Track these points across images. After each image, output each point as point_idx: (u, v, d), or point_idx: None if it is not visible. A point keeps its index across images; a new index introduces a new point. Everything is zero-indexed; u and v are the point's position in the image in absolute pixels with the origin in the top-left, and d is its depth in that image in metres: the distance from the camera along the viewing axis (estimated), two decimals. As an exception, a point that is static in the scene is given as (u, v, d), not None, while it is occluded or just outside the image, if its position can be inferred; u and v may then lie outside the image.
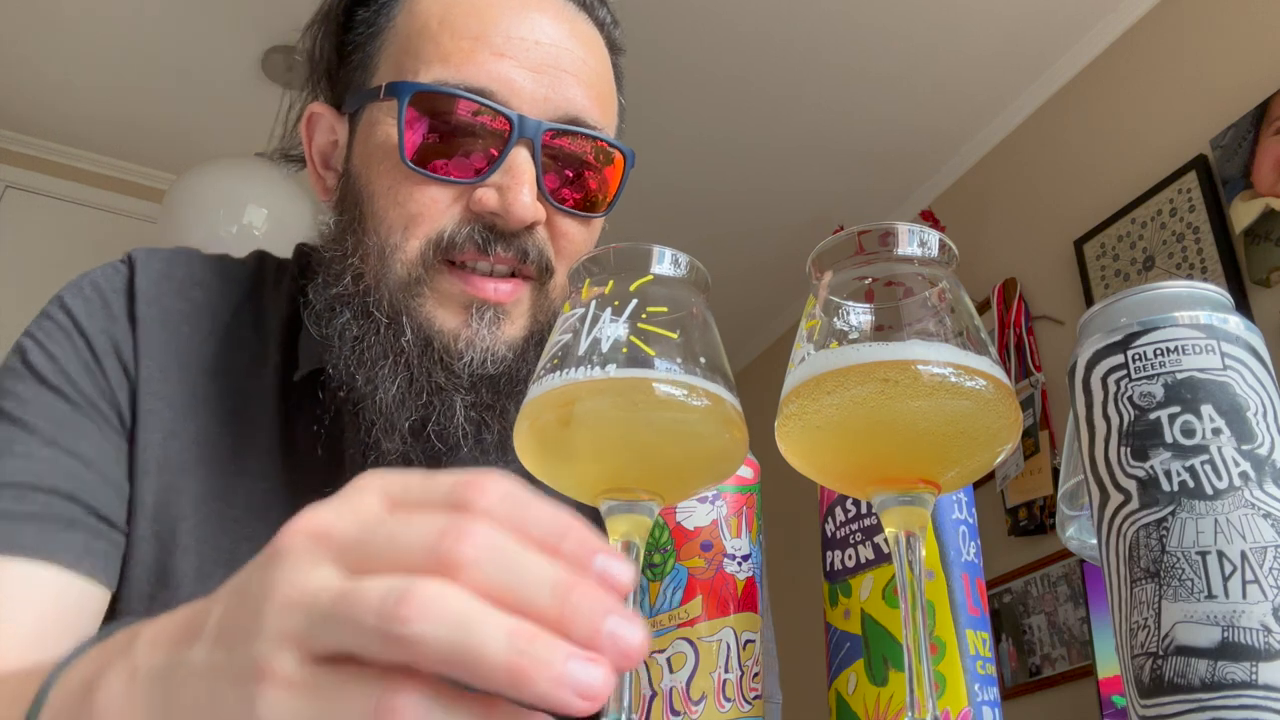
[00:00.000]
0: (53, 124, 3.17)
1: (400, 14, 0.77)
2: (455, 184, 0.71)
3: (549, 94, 0.73)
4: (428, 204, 0.71)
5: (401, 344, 0.71)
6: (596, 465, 0.48)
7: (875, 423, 0.45)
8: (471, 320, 0.71)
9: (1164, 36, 2.62)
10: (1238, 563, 0.41)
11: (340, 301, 0.73)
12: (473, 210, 0.71)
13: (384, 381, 0.71)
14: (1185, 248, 2.43)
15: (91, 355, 0.74)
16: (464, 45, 0.72)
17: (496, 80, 0.72)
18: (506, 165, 0.71)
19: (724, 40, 2.83)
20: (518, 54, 0.73)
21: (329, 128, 0.81)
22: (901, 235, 0.49)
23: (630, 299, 0.48)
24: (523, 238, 0.72)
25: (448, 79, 0.71)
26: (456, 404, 0.71)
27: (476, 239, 0.71)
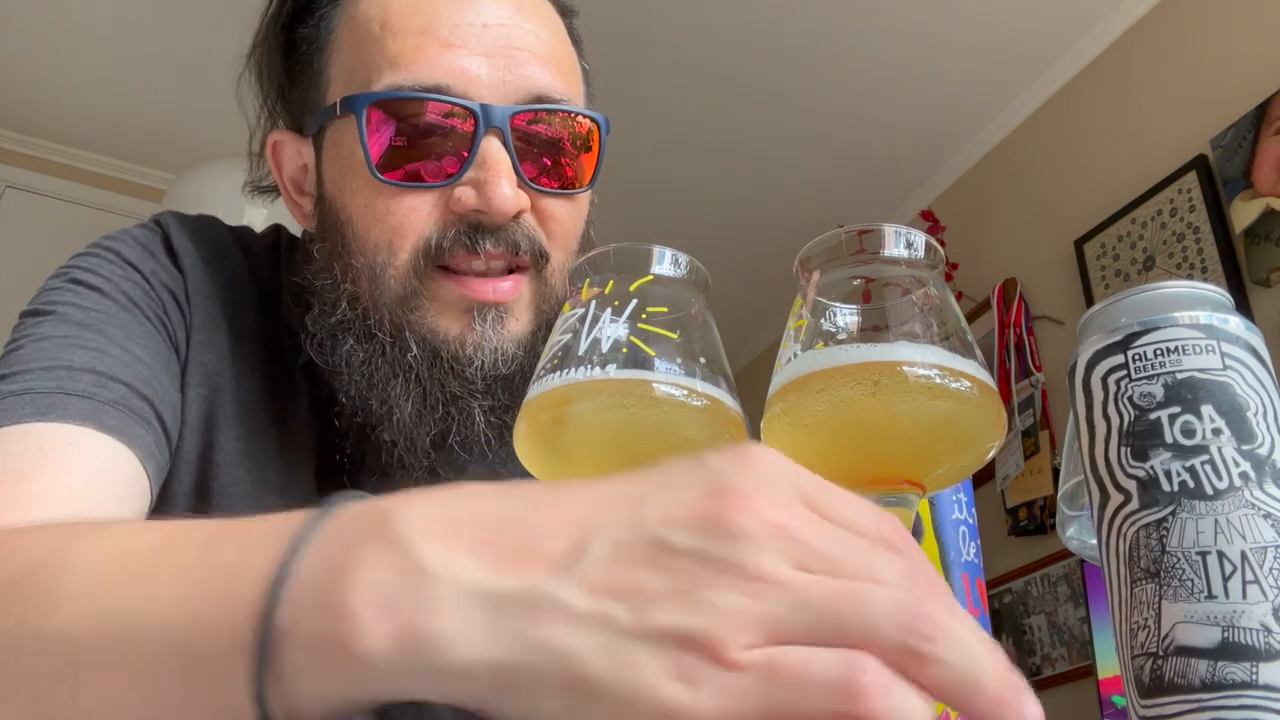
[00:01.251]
0: (53, 124, 3.17)
1: (341, 24, 0.74)
2: (431, 188, 0.69)
3: (507, 76, 0.70)
4: (407, 214, 0.69)
5: (409, 360, 0.69)
6: (596, 466, 0.48)
7: (861, 423, 0.46)
8: (475, 323, 0.69)
9: (1164, 36, 2.62)
10: (1238, 563, 0.41)
11: (341, 329, 0.71)
12: (454, 211, 0.69)
13: (398, 401, 0.69)
14: (1185, 248, 2.43)
15: (147, 285, 0.72)
16: (410, 44, 0.69)
17: (450, 73, 0.69)
18: (480, 159, 0.68)
19: (724, 40, 2.83)
20: (467, 41, 0.70)
21: (295, 153, 0.78)
22: (888, 236, 0.49)
23: (630, 299, 0.48)
24: (510, 230, 0.70)
25: (401, 82, 0.68)
26: (475, 411, 0.70)
27: (464, 240, 0.69)
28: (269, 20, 0.78)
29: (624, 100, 3.03)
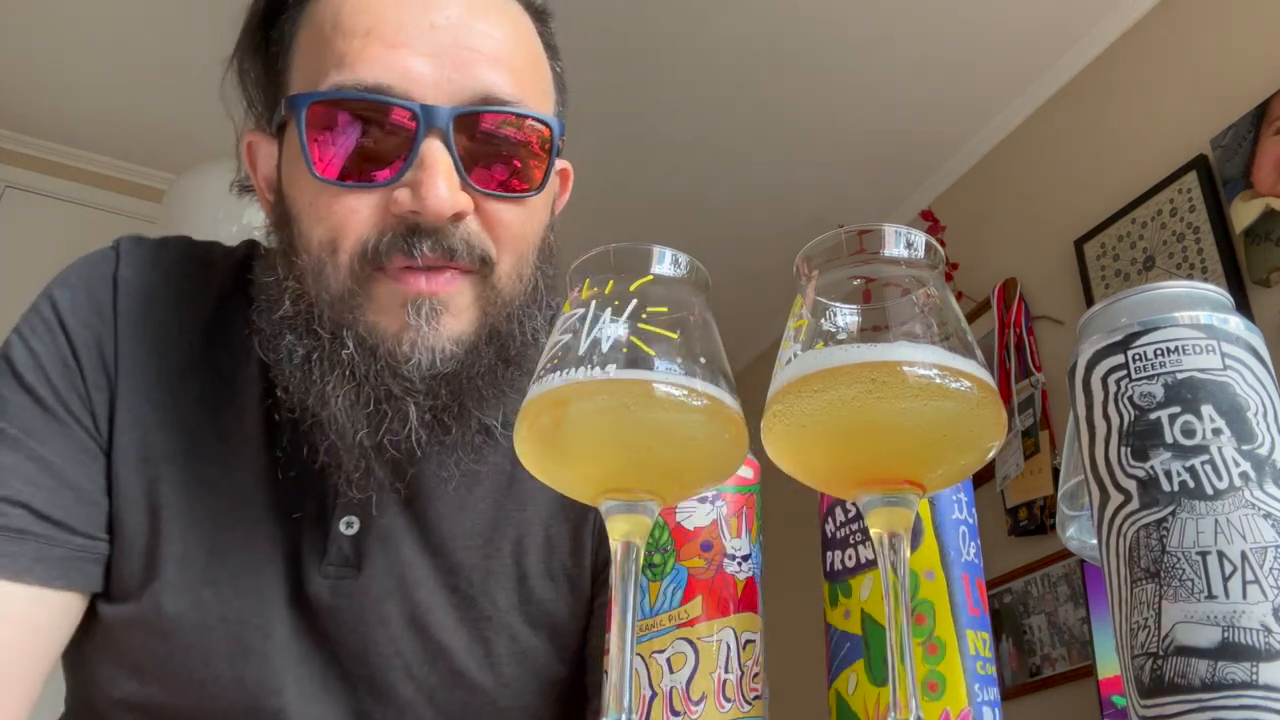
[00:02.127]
0: (53, 124, 3.17)
1: (302, 26, 0.74)
2: (371, 189, 0.68)
3: (453, 76, 0.69)
4: (347, 215, 0.68)
5: (343, 357, 0.69)
6: (596, 466, 0.48)
7: (861, 423, 0.46)
8: (410, 318, 0.68)
9: (1164, 37, 2.62)
10: (1238, 563, 0.41)
11: (283, 325, 0.71)
12: (393, 213, 0.68)
13: (332, 396, 0.69)
14: (1185, 248, 2.43)
15: (71, 352, 0.74)
16: (356, 44, 0.69)
17: (393, 73, 0.68)
18: (419, 160, 0.67)
19: (723, 41, 2.83)
20: (412, 41, 0.69)
21: (268, 153, 0.78)
22: (888, 236, 0.49)
23: (630, 299, 0.48)
24: (448, 233, 0.69)
25: (343, 81, 0.68)
26: (410, 410, 0.69)
27: (400, 244, 0.68)
28: (247, 23, 0.79)
29: (624, 101, 3.03)
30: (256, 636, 0.73)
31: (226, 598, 0.73)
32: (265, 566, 0.74)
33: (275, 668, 0.73)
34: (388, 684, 0.75)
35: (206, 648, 0.72)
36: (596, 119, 3.08)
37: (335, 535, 0.75)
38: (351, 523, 0.75)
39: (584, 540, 0.80)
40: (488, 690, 0.77)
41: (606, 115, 3.07)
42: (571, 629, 0.80)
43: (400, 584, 0.76)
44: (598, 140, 3.16)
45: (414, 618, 0.76)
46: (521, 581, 0.78)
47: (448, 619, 0.76)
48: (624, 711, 0.45)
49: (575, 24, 2.76)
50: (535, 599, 0.79)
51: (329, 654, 0.75)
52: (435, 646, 0.76)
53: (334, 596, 0.74)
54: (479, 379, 0.71)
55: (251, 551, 0.74)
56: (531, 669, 0.78)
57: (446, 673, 0.76)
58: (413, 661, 0.75)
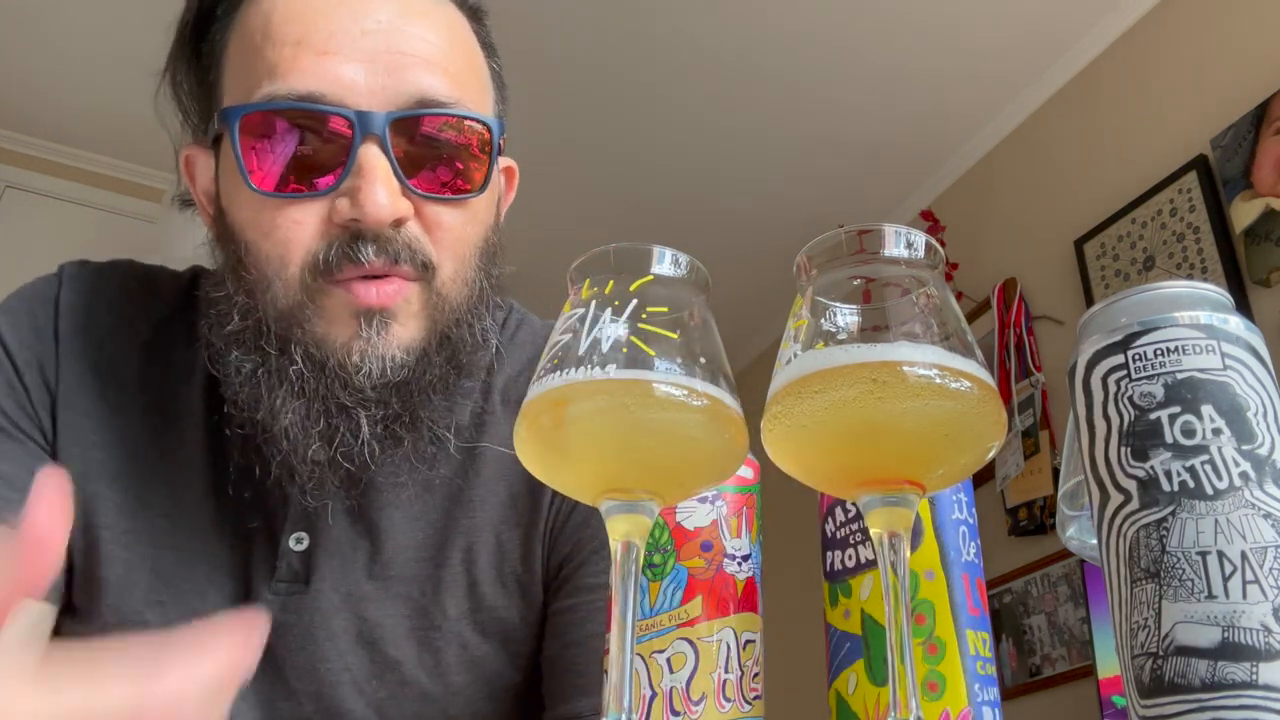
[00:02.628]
0: (53, 124, 3.18)
1: (232, 37, 0.73)
2: (312, 199, 0.68)
3: (386, 81, 0.68)
4: (291, 228, 0.68)
5: (291, 373, 0.68)
6: (596, 466, 0.48)
7: (861, 423, 0.45)
8: (362, 329, 0.68)
9: (1164, 37, 2.62)
10: (1238, 563, 0.41)
11: (231, 340, 0.71)
12: (335, 222, 0.68)
13: (282, 411, 0.69)
14: (1185, 248, 2.43)
15: (15, 373, 0.75)
16: (287, 53, 0.68)
17: (324, 81, 0.67)
18: (356, 166, 0.67)
19: (724, 41, 2.83)
20: (343, 48, 0.68)
21: (205, 166, 0.77)
22: (888, 236, 0.49)
23: (630, 299, 0.48)
24: (390, 239, 0.68)
25: (275, 92, 0.67)
26: (361, 421, 0.69)
27: (347, 251, 0.67)
28: (178, 34, 0.78)
29: (624, 103, 3.03)
30: None
31: (170, 619, 0.72)
32: (209, 588, 0.74)
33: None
34: (336, 699, 0.74)
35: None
36: (597, 121, 3.08)
37: (284, 551, 0.75)
38: (301, 538, 0.75)
39: (534, 547, 0.80)
40: (438, 699, 0.76)
41: (607, 117, 3.08)
42: (523, 635, 0.79)
43: (348, 599, 0.75)
44: (598, 142, 3.16)
45: (362, 632, 0.75)
46: (472, 589, 0.78)
47: (397, 630, 0.76)
48: (624, 711, 0.45)
49: (578, 26, 2.76)
50: (486, 606, 0.78)
51: (275, 672, 0.74)
52: (384, 660, 0.76)
53: (282, 613, 0.74)
54: (430, 387, 0.71)
55: (195, 572, 0.74)
56: (482, 676, 0.78)
57: (396, 685, 0.76)
58: (361, 676, 0.75)
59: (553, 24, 2.77)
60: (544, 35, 2.80)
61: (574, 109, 3.02)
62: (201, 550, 0.74)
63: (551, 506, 0.81)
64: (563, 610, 0.79)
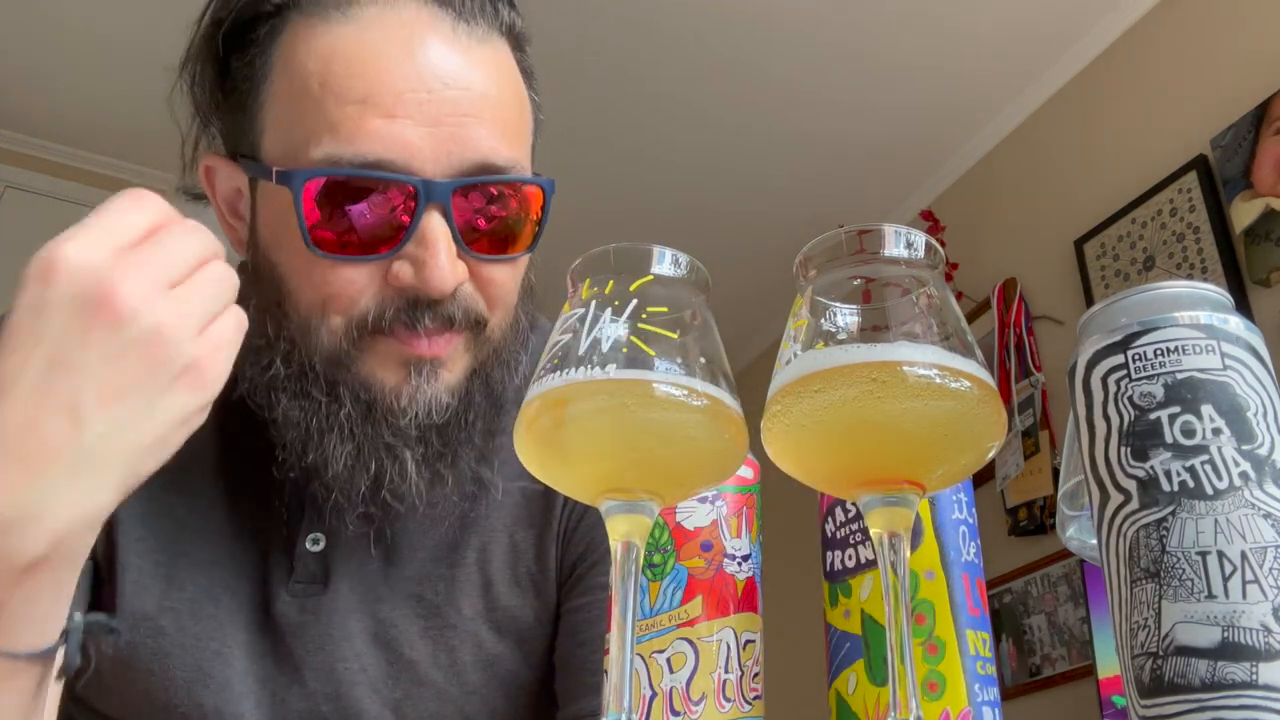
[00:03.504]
0: (53, 124, 3.17)
1: (278, 70, 0.71)
2: (369, 261, 0.68)
3: (451, 147, 0.68)
4: (344, 286, 0.68)
5: (342, 418, 0.69)
6: (596, 466, 0.48)
7: (861, 423, 0.45)
8: (411, 376, 0.69)
9: (1164, 37, 2.62)
10: (1238, 563, 0.41)
11: (275, 386, 0.71)
12: (392, 285, 0.68)
13: (333, 456, 0.69)
14: (1185, 248, 2.43)
15: None
16: (351, 112, 0.66)
17: (393, 147, 0.66)
18: (419, 235, 0.67)
19: (724, 41, 2.83)
20: (410, 111, 0.67)
21: (228, 176, 0.76)
22: (888, 236, 0.49)
23: (630, 299, 0.48)
24: (446, 304, 0.69)
25: (340, 154, 0.66)
26: (408, 460, 0.70)
27: (404, 318, 0.68)
28: (203, 37, 0.76)
29: (625, 105, 3.03)
30: (215, 663, 0.73)
31: (185, 624, 0.73)
32: (223, 592, 0.74)
33: (235, 693, 0.73)
34: (353, 698, 0.75)
35: (165, 675, 0.72)
36: (598, 124, 3.08)
37: (301, 553, 0.75)
38: (318, 539, 0.76)
39: (548, 547, 0.81)
40: (454, 698, 0.77)
41: (605, 116, 3.08)
42: (537, 634, 0.80)
43: (365, 599, 0.76)
44: (599, 143, 3.16)
45: (378, 633, 0.76)
46: (487, 589, 0.79)
47: (412, 630, 0.76)
48: (624, 711, 0.45)
49: (578, 28, 2.77)
50: (500, 605, 0.79)
51: (292, 673, 0.75)
52: (400, 660, 0.76)
53: (301, 613, 0.75)
54: (468, 427, 0.72)
55: (208, 577, 0.74)
56: (497, 675, 0.78)
57: (412, 684, 0.76)
58: (377, 676, 0.75)
59: (551, 23, 2.76)
60: (542, 34, 2.79)
61: (572, 108, 3.02)
62: (214, 555, 0.75)
63: (565, 507, 0.81)
64: (576, 609, 0.79)
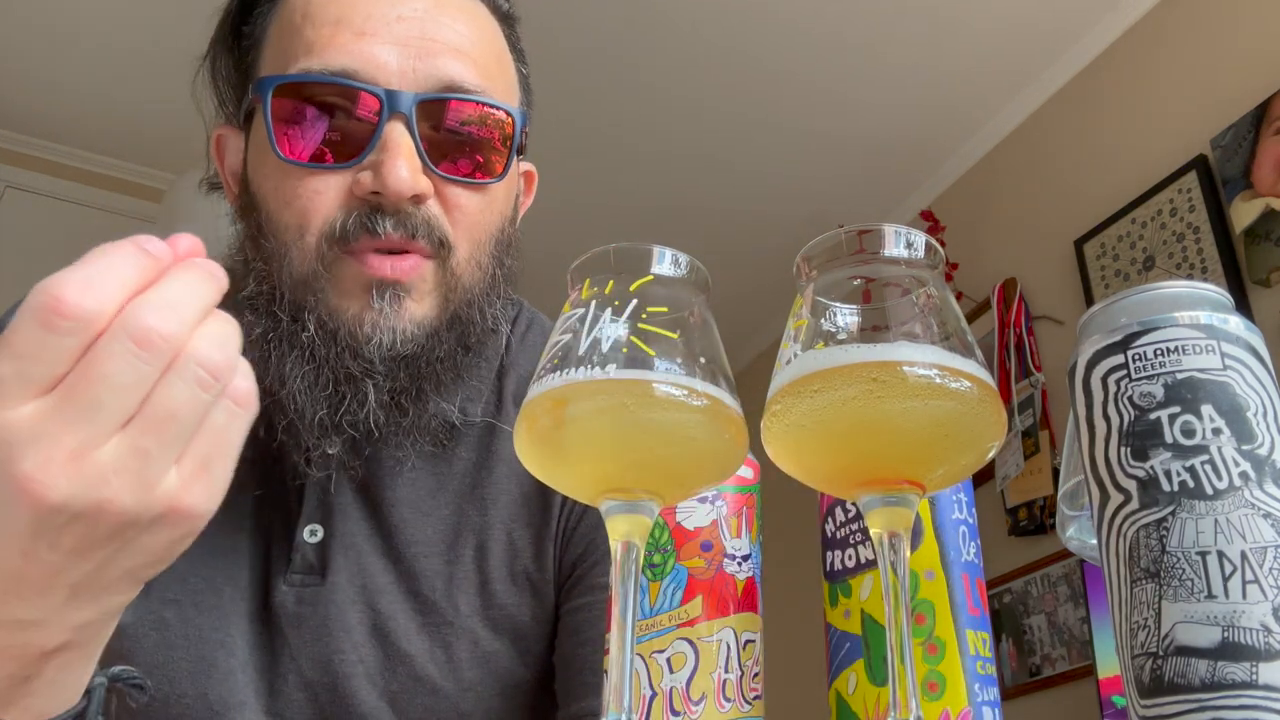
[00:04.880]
0: (53, 124, 3.17)
1: (273, 20, 0.77)
2: (335, 170, 0.70)
3: (417, 65, 0.72)
4: (312, 197, 0.71)
5: (304, 338, 0.71)
6: (596, 465, 0.48)
7: (861, 423, 0.45)
8: (374, 300, 0.70)
9: (1164, 37, 2.62)
10: (1238, 563, 0.41)
11: (244, 304, 0.72)
12: (355, 194, 0.71)
13: (291, 377, 0.71)
14: (1185, 248, 2.43)
15: None
16: (325, 32, 0.71)
17: (359, 59, 0.70)
18: (381, 142, 0.70)
19: (723, 41, 2.83)
20: (379, 31, 0.71)
21: (236, 147, 0.80)
22: (888, 236, 0.49)
23: (630, 299, 0.48)
24: (409, 214, 0.71)
25: (309, 66, 0.70)
26: (369, 391, 0.71)
27: (365, 222, 0.70)
28: (221, 22, 0.81)
29: (624, 106, 3.03)
30: (219, 653, 0.73)
31: (188, 616, 0.73)
32: (225, 583, 0.75)
33: (238, 683, 0.73)
34: (349, 691, 0.75)
35: (170, 666, 0.73)
36: (597, 125, 3.08)
37: (300, 544, 0.76)
38: (316, 530, 0.76)
39: (546, 545, 0.81)
40: (450, 694, 0.77)
41: (607, 120, 3.07)
42: (534, 633, 0.80)
43: (363, 591, 0.76)
44: (598, 141, 3.16)
45: (375, 625, 0.76)
46: (484, 586, 0.79)
47: (409, 625, 0.77)
48: (624, 711, 0.45)
49: (576, 29, 2.76)
50: (497, 603, 0.79)
51: (290, 663, 0.75)
52: (396, 653, 0.76)
53: (299, 604, 0.75)
54: (438, 363, 0.73)
55: (210, 568, 0.75)
56: (494, 673, 0.79)
57: (408, 679, 0.76)
58: (374, 669, 0.76)
59: (549, 21, 2.76)
60: (540, 32, 2.80)
61: (571, 107, 3.02)
62: (215, 546, 0.75)
63: (564, 507, 0.81)
64: (576, 609, 0.79)
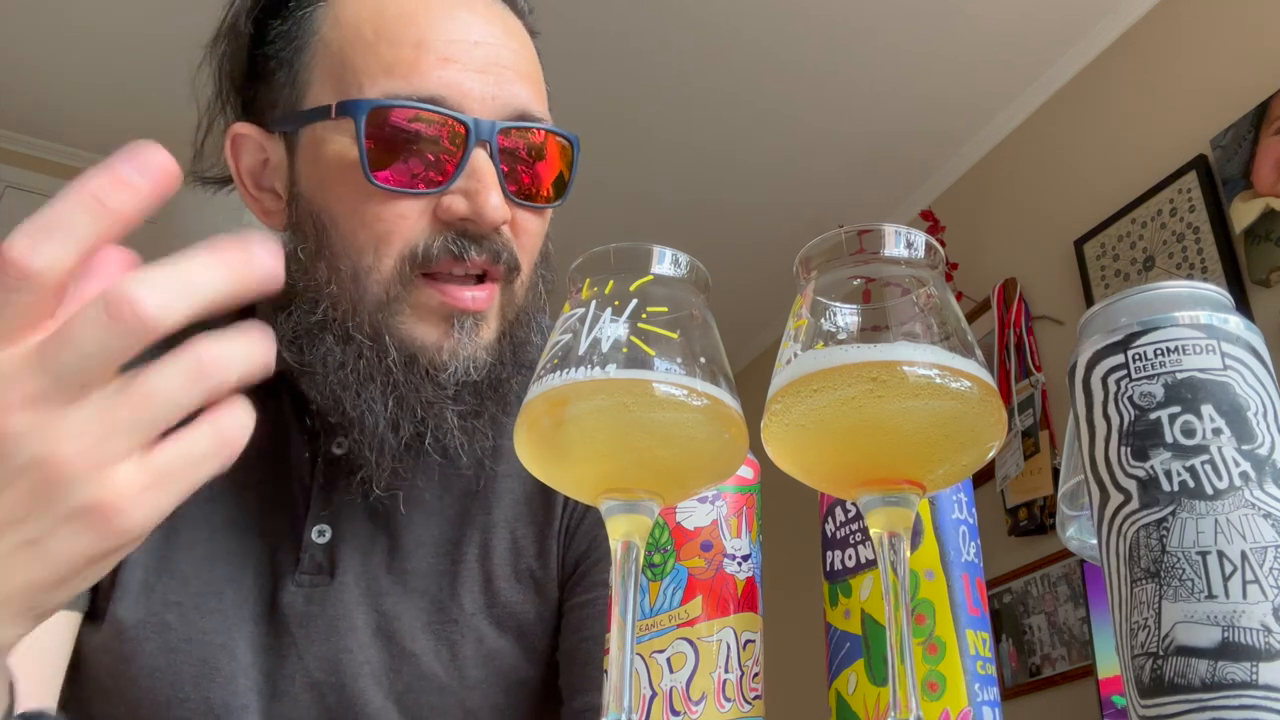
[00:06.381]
0: (53, 124, 3.17)
1: (325, 25, 0.75)
2: (422, 195, 0.71)
3: (495, 93, 0.73)
4: (397, 220, 0.71)
5: (387, 364, 0.71)
6: (596, 465, 0.48)
7: (861, 423, 0.45)
8: (453, 331, 0.72)
9: (1164, 37, 2.62)
10: (1238, 563, 0.41)
11: (320, 328, 0.73)
12: (441, 219, 0.71)
13: (374, 404, 0.71)
14: (1185, 248, 2.43)
15: None
16: (406, 54, 0.71)
17: (447, 87, 0.71)
18: (470, 170, 0.71)
19: (722, 41, 2.83)
20: (461, 57, 0.72)
21: (257, 147, 0.78)
22: (888, 236, 0.49)
23: (630, 299, 0.48)
24: (493, 239, 0.72)
25: (398, 91, 0.70)
26: (449, 415, 0.72)
27: (451, 248, 0.71)
28: (237, 13, 0.79)
29: (623, 105, 3.03)
30: (222, 656, 0.73)
31: (190, 620, 0.74)
32: (226, 586, 0.75)
33: (241, 686, 0.73)
34: (357, 690, 0.75)
35: (172, 670, 0.73)
36: (596, 123, 3.08)
37: (308, 544, 0.76)
38: (324, 531, 0.77)
39: (549, 544, 0.81)
40: (455, 692, 0.78)
41: (607, 119, 3.07)
42: (538, 630, 0.81)
43: (368, 592, 0.77)
44: (598, 144, 3.15)
45: (380, 626, 0.77)
46: (487, 584, 0.80)
47: (414, 624, 0.77)
48: (624, 711, 0.45)
49: (576, 26, 2.76)
50: (501, 601, 0.80)
51: (296, 664, 0.75)
52: (401, 653, 0.77)
53: (307, 604, 0.75)
54: (500, 384, 0.75)
55: (211, 571, 0.75)
56: (499, 670, 0.79)
57: (414, 677, 0.77)
58: (380, 668, 0.76)
59: (549, 21, 2.76)
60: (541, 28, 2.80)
61: (571, 108, 3.02)
62: (218, 548, 0.75)
63: (567, 505, 0.82)
64: (580, 605, 0.80)
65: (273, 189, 0.78)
